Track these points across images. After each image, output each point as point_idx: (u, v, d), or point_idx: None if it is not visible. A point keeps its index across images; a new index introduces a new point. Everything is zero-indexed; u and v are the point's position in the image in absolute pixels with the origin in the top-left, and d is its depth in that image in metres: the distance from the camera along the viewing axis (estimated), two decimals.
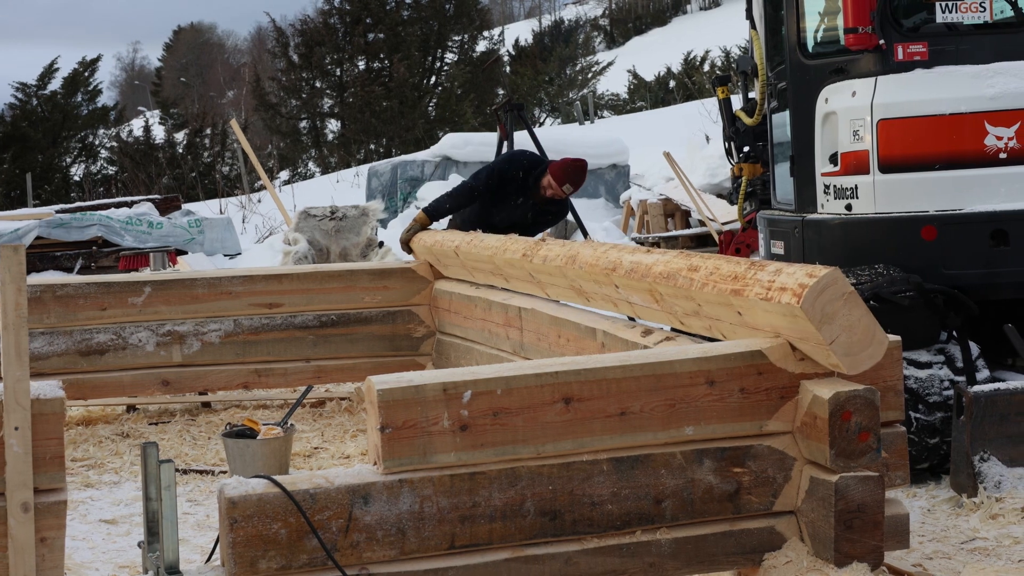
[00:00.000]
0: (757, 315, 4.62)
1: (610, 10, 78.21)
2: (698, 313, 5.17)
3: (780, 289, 4.40)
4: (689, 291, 5.10)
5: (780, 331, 4.54)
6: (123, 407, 9.20)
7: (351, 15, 40.84)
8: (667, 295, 5.36)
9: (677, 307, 5.35)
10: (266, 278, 9.00)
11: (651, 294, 5.54)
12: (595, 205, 20.86)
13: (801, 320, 4.31)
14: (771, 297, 4.44)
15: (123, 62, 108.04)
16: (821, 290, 4.28)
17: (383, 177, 22.25)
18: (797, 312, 4.29)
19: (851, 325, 4.31)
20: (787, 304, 4.33)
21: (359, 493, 4.08)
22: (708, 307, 5.03)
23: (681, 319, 5.44)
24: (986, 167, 7.05)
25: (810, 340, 4.37)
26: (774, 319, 4.51)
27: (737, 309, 4.77)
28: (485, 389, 4.22)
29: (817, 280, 4.28)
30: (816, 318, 4.27)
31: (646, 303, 5.70)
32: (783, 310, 4.38)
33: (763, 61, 8.72)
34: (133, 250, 17.28)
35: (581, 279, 6.32)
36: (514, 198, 9.00)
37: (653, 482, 4.38)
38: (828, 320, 4.29)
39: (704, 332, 5.30)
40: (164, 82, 67.69)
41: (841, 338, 4.30)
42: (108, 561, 5.89)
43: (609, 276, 5.92)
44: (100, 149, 42.13)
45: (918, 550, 5.62)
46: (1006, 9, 7.74)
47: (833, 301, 4.29)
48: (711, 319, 5.10)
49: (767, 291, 4.48)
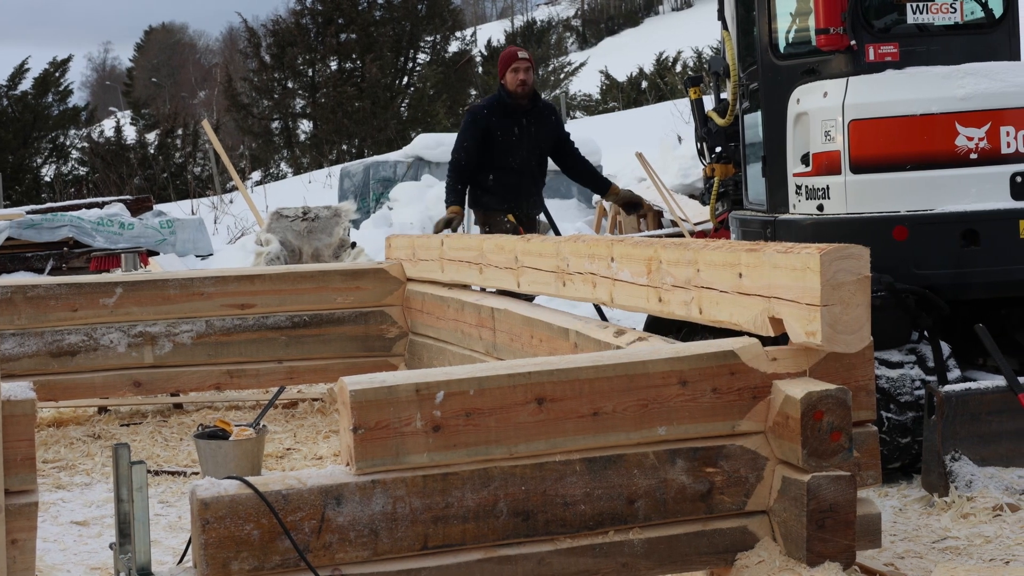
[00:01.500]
0: (763, 272, 4.65)
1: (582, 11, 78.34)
2: (690, 282, 5.18)
3: (804, 247, 4.48)
4: (698, 253, 5.14)
5: (775, 292, 4.58)
6: (94, 408, 9.16)
7: (323, 15, 40.80)
8: (667, 261, 5.39)
9: (670, 277, 5.36)
10: (238, 279, 8.98)
11: (648, 263, 5.55)
12: (567, 206, 20.86)
13: (811, 275, 4.36)
14: (792, 250, 4.51)
15: (94, 62, 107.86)
16: (845, 256, 4.36)
17: (355, 178, 22.22)
18: (812, 265, 4.34)
19: (849, 303, 4.36)
20: (807, 255, 4.38)
21: (332, 494, 4.07)
22: (707, 271, 5.06)
23: (663, 294, 5.44)
24: (957, 167, 7.08)
25: (805, 299, 4.40)
26: (780, 275, 4.54)
27: (740, 270, 4.81)
28: (458, 390, 4.22)
29: (846, 247, 4.38)
30: (826, 276, 4.32)
31: (635, 277, 5.70)
32: (799, 262, 4.42)
33: (735, 62, 8.73)
34: (104, 251, 17.20)
35: (576, 255, 6.33)
36: (505, 132, 9.04)
37: (626, 482, 4.38)
38: (835, 286, 4.34)
39: (681, 308, 5.29)
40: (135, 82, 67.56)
41: (835, 309, 4.34)
42: (80, 563, 5.87)
43: (611, 248, 5.96)
44: (71, 150, 42.01)
45: (890, 549, 5.64)
46: (976, 10, 7.77)
47: (848, 272, 4.36)
48: (701, 288, 5.11)
49: (789, 249, 4.55)
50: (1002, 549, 5.58)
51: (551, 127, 9.29)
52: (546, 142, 9.24)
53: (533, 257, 6.90)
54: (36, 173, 40.50)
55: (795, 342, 4.55)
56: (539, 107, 9.24)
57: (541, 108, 9.27)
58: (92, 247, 17.59)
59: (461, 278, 8.09)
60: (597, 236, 6.31)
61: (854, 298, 4.37)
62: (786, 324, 4.55)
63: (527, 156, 9.11)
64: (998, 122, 7.07)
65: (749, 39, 8.56)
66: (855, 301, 4.37)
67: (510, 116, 9.07)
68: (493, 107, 9.07)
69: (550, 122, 9.29)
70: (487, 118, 9.01)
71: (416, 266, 8.95)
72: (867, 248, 4.41)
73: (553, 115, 9.42)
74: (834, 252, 4.34)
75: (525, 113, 9.11)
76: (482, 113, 9.07)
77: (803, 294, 4.42)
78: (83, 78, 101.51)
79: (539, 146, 9.19)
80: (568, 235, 6.73)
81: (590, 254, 6.19)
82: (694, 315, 5.19)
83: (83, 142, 41.29)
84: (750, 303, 4.76)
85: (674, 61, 46.08)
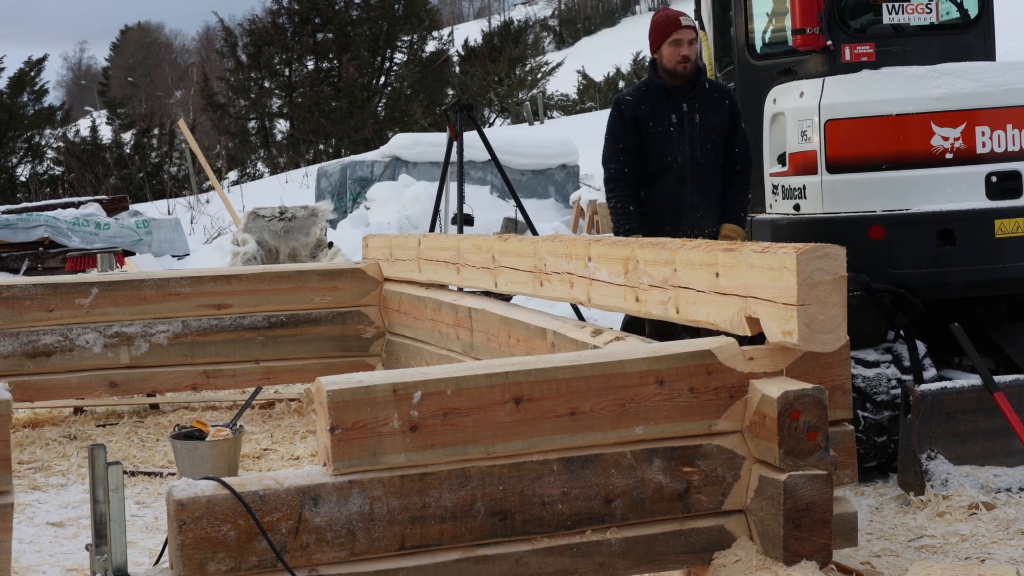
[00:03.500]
0: (739, 272, 4.67)
1: (559, 11, 78.37)
2: (667, 282, 5.19)
3: (781, 247, 4.49)
4: (675, 252, 5.15)
5: (752, 292, 4.59)
6: (70, 409, 9.13)
7: (300, 15, 40.72)
8: (644, 261, 5.40)
9: (646, 277, 5.36)
10: (215, 279, 8.96)
11: (625, 263, 5.55)
12: (545, 205, 20.89)
13: (787, 275, 4.37)
14: (769, 250, 4.53)
15: (70, 62, 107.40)
16: (821, 256, 4.37)
17: (332, 177, 22.19)
18: (789, 264, 4.36)
19: (825, 302, 4.38)
20: (784, 255, 4.40)
21: (309, 494, 4.06)
22: (684, 270, 5.07)
23: (640, 293, 5.44)
24: (933, 167, 7.11)
25: (781, 299, 4.42)
26: (757, 275, 4.56)
27: (716, 270, 4.81)
28: (435, 390, 4.21)
29: (823, 246, 4.39)
30: (803, 276, 4.34)
31: (612, 277, 5.70)
32: (775, 261, 4.44)
33: (712, 62, 8.75)
34: (80, 251, 17.17)
35: (553, 255, 6.33)
36: (659, 122, 7.10)
37: (603, 482, 4.38)
38: (811, 285, 4.35)
39: (659, 308, 5.30)
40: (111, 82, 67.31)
41: (811, 308, 4.35)
42: (56, 564, 5.85)
43: (588, 248, 5.96)
44: (47, 149, 41.79)
45: (866, 548, 5.66)
46: (951, 10, 7.80)
47: (824, 272, 4.37)
48: (678, 287, 5.11)
49: (766, 248, 4.56)
50: (978, 547, 5.60)
51: (725, 114, 7.18)
52: (718, 133, 7.13)
53: (510, 257, 6.89)
54: (11, 173, 40.28)
55: (772, 341, 4.56)
56: (706, 88, 7.19)
57: (710, 90, 7.21)
58: (68, 247, 17.55)
59: (439, 278, 8.08)
60: (575, 236, 6.31)
61: (830, 298, 4.38)
62: (763, 323, 4.56)
63: (690, 154, 7.09)
64: (973, 122, 7.10)
65: (726, 39, 8.58)
66: (831, 301, 4.38)
67: (666, 102, 7.12)
68: (642, 93, 7.17)
69: (723, 108, 7.19)
70: (634, 106, 7.10)
71: (393, 266, 8.94)
72: (843, 248, 4.43)
73: (727, 98, 7.24)
74: (811, 252, 4.35)
75: (686, 96, 7.13)
76: (626, 101, 7.15)
77: (780, 294, 4.43)
78: (59, 77, 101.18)
79: (707, 140, 7.11)
80: (546, 235, 6.72)
81: (567, 254, 6.19)
82: (671, 315, 5.20)
83: (59, 142, 41.10)
84: (727, 303, 4.77)
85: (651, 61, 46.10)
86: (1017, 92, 7.15)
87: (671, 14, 7.14)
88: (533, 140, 23.03)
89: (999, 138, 7.12)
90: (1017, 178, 7.14)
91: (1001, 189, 7.13)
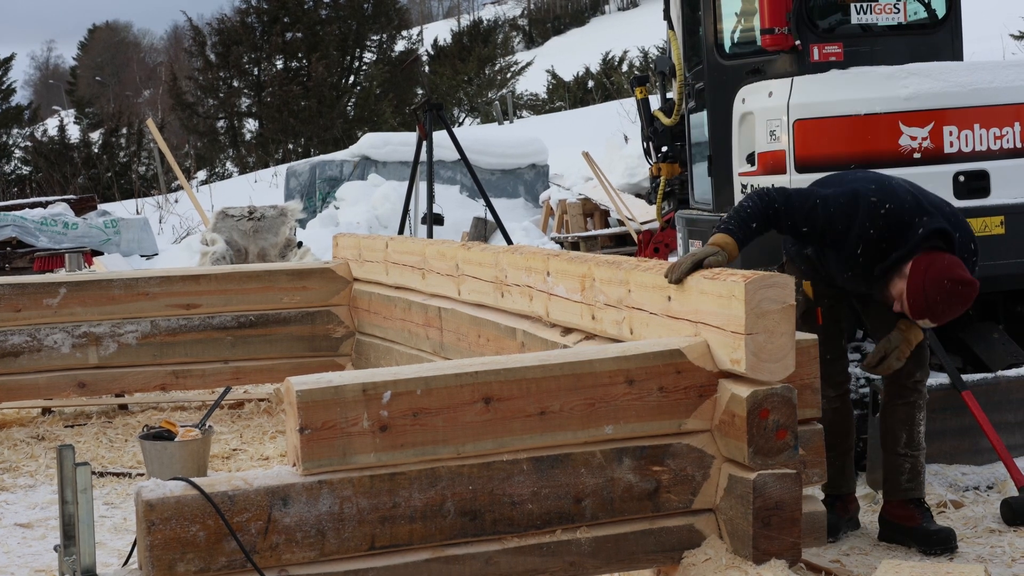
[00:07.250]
0: (690, 297, 4.66)
1: (529, 10, 78.40)
2: (621, 302, 5.19)
3: (731, 275, 4.48)
4: (629, 273, 5.13)
5: (702, 318, 4.58)
6: (38, 410, 9.08)
7: (269, 14, 40.64)
8: (600, 279, 5.39)
9: (602, 295, 5.36)
10: (183, 279, 8.93)
11: (582, 280, 5.55)
12: (514, 205, 20.89)
13: (735, 303, 4.36)
14: (719, 277, 4.51)
15: (37, 61, 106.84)
16: (769, 286, 4.35)
17: (301, 177, 22.15)
18: (738, 293, 4.34)
19: (773, 331, 4.35)
20: (732, 284, 4.39)
21: (278, 495, 4.06)
22: (638, 292, 5.05)
23: (596, 312, 5.45)
24: (900, 167, 7.11)
25: (730, 327, 4.40)
26: (707, 301, 4.55)
27: (669, 293, 4.80)
28: (405, 389, 4.21)
29: (770, 276, 4.38)
30: (751, 305, 4.32)
31: (569, 293, 5.70)
32: (724, 289, 4.43)
33: (681, 61, 8.77)
34: (48, 251, 17.09)
35: (514, 267, 6.32)
36: (849, 253, 5.41)
37: (573, 481, 4.38)
38: (759, 314, 4.33)
39: (613, 327, 5.30)
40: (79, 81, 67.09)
41: (759, 337, 4.34)
42: (24, 565, 5.83)
43: (547, 262, 5.95)
44: (14, 149, 41.62)
45: (835, 546, 5.68)
46: (919, 10, 7.84)
47: (772, 302, 4.35)
48: (632, 308, 5.11)
49: (716, 275, 4.55)
50: None
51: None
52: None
53: (473, 266, 6.89)
54: None
55: (720, 368, 4.55)
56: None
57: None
58: (35, 247, 17.47)
59: (405, 282, 8.05)
60: (535, 248, 6.28)
61: (779, 327, 4.37)
62: (712, 350, 4.54)
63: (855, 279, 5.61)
64: (941, 122, 7.12)
65: (695, 39, 8.59)
66: (780, 330, 4.37)
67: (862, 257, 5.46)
68: (879, 240, 5.41)
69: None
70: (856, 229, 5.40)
71: (363, 266, 8.92)
72: (792, 277, 4.43)
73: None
74: (759, 281, 4.34)
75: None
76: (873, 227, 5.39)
77: (728, 321, 4.43)
78: (26, 76, 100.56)
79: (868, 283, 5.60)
80: (509, 245, 6.70)
81: (527, 267, 6.19)
82: (626, 335, 5.19)
83: (26, 141, 40.93)
84: (679, 327, 4.76)
85: (620, 61, 46.12)
86: (985, 92, 7.18)
87: (922, 308, 5.33)
88: (503, 140, 23.02)
89: (967, 138, 7.14)
90: (984, 178, 7.17)
91: (969, 188, 7.15)
